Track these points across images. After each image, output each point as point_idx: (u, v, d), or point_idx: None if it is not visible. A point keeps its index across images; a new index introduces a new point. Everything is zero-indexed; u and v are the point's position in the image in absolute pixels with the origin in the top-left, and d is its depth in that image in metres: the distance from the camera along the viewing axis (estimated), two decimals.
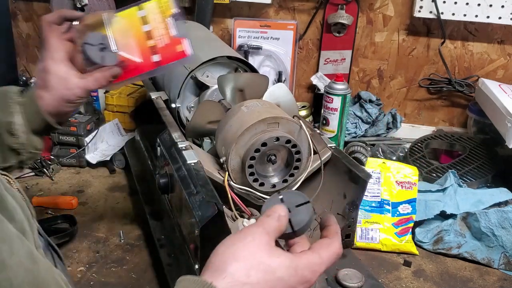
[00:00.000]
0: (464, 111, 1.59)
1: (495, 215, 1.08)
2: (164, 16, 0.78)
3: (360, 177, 0.88)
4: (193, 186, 0.79)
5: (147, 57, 0.77)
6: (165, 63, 0.77)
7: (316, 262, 0.49)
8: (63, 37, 0.75)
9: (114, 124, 1.58)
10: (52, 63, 0.74)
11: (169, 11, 0.78)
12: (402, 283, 1.03)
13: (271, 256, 0.47)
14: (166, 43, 0.77)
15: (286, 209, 0.51)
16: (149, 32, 0.78)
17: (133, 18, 0.79)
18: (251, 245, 0.47)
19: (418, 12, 1.47)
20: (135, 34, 0.78)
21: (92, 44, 0.74)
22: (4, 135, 0.73)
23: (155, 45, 0.77)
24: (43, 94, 0.74)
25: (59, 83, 0.73)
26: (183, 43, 0.77)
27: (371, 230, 1.11)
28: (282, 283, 0.46)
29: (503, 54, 1.51)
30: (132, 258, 1.06)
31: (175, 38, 0.77)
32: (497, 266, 1.07)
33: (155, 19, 0.78)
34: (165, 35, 0.77)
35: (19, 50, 1.89)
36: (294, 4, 1.59)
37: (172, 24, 0.77)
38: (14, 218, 0.47)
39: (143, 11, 0.79)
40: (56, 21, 0.75)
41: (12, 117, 0.73)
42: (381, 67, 1.62)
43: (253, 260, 0.46)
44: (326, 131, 1.42)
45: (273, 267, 0.46)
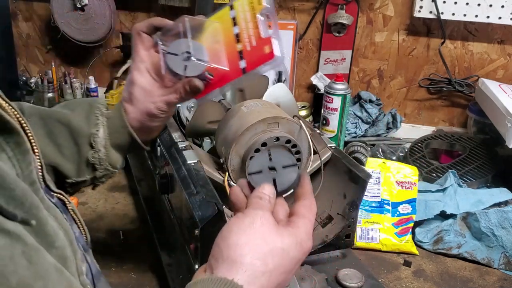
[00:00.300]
0: (464, 111, 1.59)
1: (495, 215, 1.08)
2: (254, 12, 0.67)
3: (360, 177, 0.88)
4: (193, 186, 0.79)
5: (235, 64, 0.67)
6: (252, 68, 0.66)
7: (310, 228, 0.51)
8: (151, 47, 0.71)
9: None
10: (137, 74, 0.70)
11: (259, 5, 0.66)
12: (402, 283, 1.03)
13: (281, 238, 0.48)
14: (253, 46, 0.66)
15: (273, 189, 0.52)
16: (237, 34, 0.67)
17: (225, 20, 0.69)
18: (261, 231, 0.47)
19: (418, 12, 1.47)
20: (224, 39, 0.68)
21: (175, 53, 0.66)
22: (84, 147, 0.69)
23: (243, 49, 0.67)
24: (128, 107, 0.70)
25: (143, 95, 0.69)
26: (271, 43, 0.65)
27: (371, 230, 1.11)
28: (295, 260, 0.48)
29: (503, 54, 1.51)
30: (132, 258, 1.06)
31: (263, 38, 0.65)
32: (497, 266, 1.07)
33: (245, 18, 0.67)
34: (253, 36, 0.66)
35: (19, 50, 1.89)
36: (294, 4, 1.59)
37: (262, 22, 0.66)
38: (54, 244, 0.42)
39: (234, 10, 0.68)
40: (146, 30, 0.70)
41: (96, 129, 0.69)
42: (381, 67, 1.62)
43: (267, 247, 0.46)
44: (326, 131, 1.42)
45: (286, 249, 0.47)
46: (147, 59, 0.70)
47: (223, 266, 0.45)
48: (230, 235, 0.47)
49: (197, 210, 0.74)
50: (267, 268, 0.45)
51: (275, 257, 0.46)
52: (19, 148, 0.41)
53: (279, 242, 0.47)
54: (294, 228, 0.49)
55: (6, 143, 0.40)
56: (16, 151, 0.41)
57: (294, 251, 0.48)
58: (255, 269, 0.45)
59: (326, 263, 0.98)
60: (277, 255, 0.46)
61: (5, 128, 0.39)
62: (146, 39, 0.71)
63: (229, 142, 0.86)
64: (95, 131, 0.69)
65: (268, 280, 0.45)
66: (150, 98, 0.69)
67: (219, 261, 0.45)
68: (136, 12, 1.73)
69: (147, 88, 0.69)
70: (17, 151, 0.41)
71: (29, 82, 1.78)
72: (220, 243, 0.47)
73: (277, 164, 0.55)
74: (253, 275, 0.44)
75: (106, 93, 1.66)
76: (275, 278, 0.46)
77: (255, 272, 0.45)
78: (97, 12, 1.63)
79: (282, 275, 0.47)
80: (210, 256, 0.48)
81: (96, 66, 1.82)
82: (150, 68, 0.70)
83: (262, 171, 0.56)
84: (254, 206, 0.50)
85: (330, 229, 0.95)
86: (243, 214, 0.49)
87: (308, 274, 0.92)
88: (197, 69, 0.66)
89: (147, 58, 0.70)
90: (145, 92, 0.69)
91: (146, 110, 0.69)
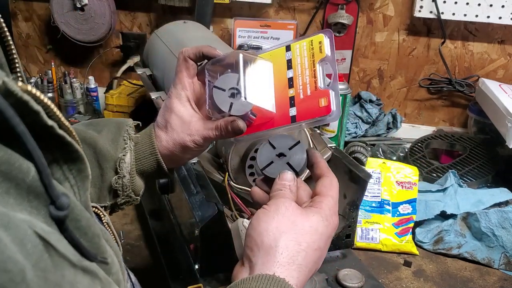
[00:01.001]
0: (464, 111, 1.59)
1: (495, 215, 1.08)
2: (313, 60, 0.62)
3: (360, 177, 0.88)
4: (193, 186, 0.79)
5: (284, 109, 0.62)
6: (303, 118, 0.60)
7: (333, 204, 0.52)
8: (195, 75, 0.67)
9: None
10: (177, 102, 0.65)
11: (320, 54, 0.62)
12: (402, 283, 1.03)
13: (307, 217, 0.50)
14: (307, 95, 0.61)
15: (293, 175, 0.55)
16: (291, 79, 0.63)
17: (278, 61, 0.65)
18: (288, 214, 0.50)
19: (419, 12, 1.47)
20: (276, 81, 0.64)
21: (222, 88, 0.62)
22: (108, 171, 0.65)
23: (295, 95, 0.62)
24: (161, 134, 0.66)
25: (181, 125, 0.65)
26: (328, 96, 0.59)
27: (371, 230, 1.11)
28: (324, 237, 0.50)
29: (504, 54, 1.51)
30: (132, 258, 1.06)
31: (321, 89, 0.60)
32: (497, 266, 1.07)
33: (302, 63, 0.63)
34: (309, 84, 0.61)
35: (19, 50, 1.89)
36: (294, 4, 1.59)
37: (321, 71, 0.61)
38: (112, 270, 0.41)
39: (290, 52, 0.64)
40: (193, 57, 0.66)
41: (123, 153, 0.65)
42: (381, 67, 1.62)
43: (296, 228, 0.49)
44: (326, 131, 1.42)
45: (313, 226, 0.49)
46: (189, 87, 0.66)
47: (260, 253, 0.48)
48: (260, 224, 0.49)
49: (197, 210, 0.73)
50: (301, 247, 0.48)
51: (305, 236, 0.48)
52: (80, 175, 0.40)
53: (307, 222, 0.49)
54: (317, 207, 0.51)
55: (69, 170, 0.39)
56: (77, 178, 0.40)
57: (322, 227, 0.50)
58: (291, 250, 0.47)
59: (326, 263, 0.98)
60: (307, 233, 0.49)
61: (72, 158, 0.38)
62: (192, 66, 0.66)
63: (229, 142, 0.86)
64: (121, 155, 0.65)
65: (304, 258, 0.48)
66: (187, 130, 0.64)
67: (254, 249, 0.48)
68: (136, 12, 1.73)
69: (186, 118, 0.64)
70: (78, 178, 0.40)
71: (29, 82, 1.77)
72: (251, 233, 0.49)
73: (283, 149, 0.56)
74: (290, 256, 0.47)
75: (106, 93, 1.66)
76: (311, 256, 0.48)
77: (292, 252, 0.47)
78: (97, 12, 1.63)
79: (317, 252, 0.49)
80: (245, 247, 0.50)
81: (96, 66, 1.82)
82: (191, 98, 0.66)
83: (273, 161, 0.57)
84: (277, 197, 0.52)
85: None
86: (267, 205, 0.51)
87: None
88: (243, 109, 0.61)
89: (190, 86, 0.66)
90: (183, 122, 0.65)
91: (181, 141, 0.65)
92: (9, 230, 0.28)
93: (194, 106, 0.66)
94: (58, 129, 0.35)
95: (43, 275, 0.29)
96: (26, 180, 0.32)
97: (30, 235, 0.30)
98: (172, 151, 0.65)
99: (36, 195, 0.33)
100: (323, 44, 0.62)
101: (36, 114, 0.33)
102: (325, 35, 0.61)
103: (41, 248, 0.30)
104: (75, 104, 1.67)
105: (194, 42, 1.18)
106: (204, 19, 1.50)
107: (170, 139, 0.65)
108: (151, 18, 1.72)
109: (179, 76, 0.66)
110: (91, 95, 1.72)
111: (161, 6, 1.66)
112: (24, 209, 0.32)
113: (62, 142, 0.37)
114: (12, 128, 0.31)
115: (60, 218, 0.35)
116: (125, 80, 1.71)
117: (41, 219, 0.33)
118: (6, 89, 0.31)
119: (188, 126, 0.64)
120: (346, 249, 1.00)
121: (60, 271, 0.31)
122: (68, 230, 0.36)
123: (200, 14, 1.50)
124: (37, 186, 0.33)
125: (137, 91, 1.64)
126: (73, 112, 1.65)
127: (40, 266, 0.29)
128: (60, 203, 0.34)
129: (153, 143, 0.65)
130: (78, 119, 1.52)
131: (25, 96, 0.32)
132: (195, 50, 0.65)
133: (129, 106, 1.59)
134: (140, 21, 1.74)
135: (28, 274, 0.28)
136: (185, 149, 0.65)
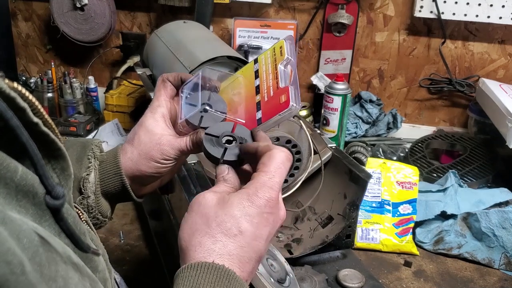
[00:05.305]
0: (464, 111, 1.59)
1: (495, 215, 1.08)
2: (276, 63, 0.65)
3: (360, 177, 0.88)
4: (193, 186, 0.79)
5: (251, 115, 0.64)
6: (266, 119, 0.62)
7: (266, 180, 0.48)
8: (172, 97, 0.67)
9: (114, 124, 1.58)
10: (150, 117, 0.64)
11: (281, 56, 0.65)
12: (402, 283, 1.02)
13: (224, 205, 0.48)
14: (270, 96, 0.63)
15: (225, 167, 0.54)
16: (258, 86, 0.66)
17: (248, 74, 0.68)
18: (201, 209, 0.48)
19: (419, 12, 1.47)
20: (245, 92, 0.67)
21: (194, 104, 0.64)
22: (73, 192, 0.63)
23: (260, 100, 0.65)
24: (128, 147, 0.64)
25: (149, 137, 0.63)
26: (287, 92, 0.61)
27: (371, 230, 1.11)
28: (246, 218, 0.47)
29: (504, 54, 1.51)
30: (132, 258, 1.06)
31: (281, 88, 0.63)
32: (498, 266, 1.07)
33: (266, 70, 0.66)
34: (272, 87, 0.64)
35: (19, 50, 1.89)
36: (294, 4, 1.59)
37: (282, 72, 0.64)
38: (98, 268, 0.42)
39: (257, 64, 0.68)
40: (172, 80, 0.67)
41: (87, 173, 0.63)
42: (382, 67, 1.62)
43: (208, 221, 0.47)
44: (327, 131, 1.42)
45: (229, 213, 0.47)
46: (166, 105, 0.66)
47: (181, 256, 0.48)
48: (180, 227, 0.50)
49: None
50: (216, 239, 0.46)
51: (221, 225, 0.47)
52: (64, 174, 0.40)
53: (221, 210, 0.47)
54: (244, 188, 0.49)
55: (53, 169, 0.39)
56: (61, 176, 0.40)
57: (239, 210, 0.47)
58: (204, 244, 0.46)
59: (327, 264, 0.98)
60: (222, 222, 0.47)
61: (55, 155, 0.39)
62: (170, 88, 0.67)
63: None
64: (85, 175, 0.63)
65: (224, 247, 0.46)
66: (157, 140, 0.63)
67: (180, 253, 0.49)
68: (136, 12, 1.72)
69: (156, 131, 0.63)
70: (62, 177, 0.40)
71: (28, 82, 1.77)
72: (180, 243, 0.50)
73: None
74: (205, 250, 0.46)
75: (106, 93, 1.66)
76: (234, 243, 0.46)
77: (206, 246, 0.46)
78: (97, 12, 1.63)
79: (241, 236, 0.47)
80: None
81: (96, 66, 1.82)
82: (166, 115, 0.65)
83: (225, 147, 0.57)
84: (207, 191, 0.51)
85: (331, 230, 0.94)
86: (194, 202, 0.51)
87: (309, 275, 0.91)
88: (213, 121, 0.63)
89: (167, 105, 0.66)
90: (152, 134, 0.63)
91: (146, 151, 0.63)
92: (5, 225, 0.28)
93: (169, 124, 0.65)
94: (43, 126, 0.36)
95: (39, 269, 0.30)
96: (14, 179, 0.33)
97: (25, 230, 0.30)
98: (135, 163, 0.63)
99: (24, 194, 0.33)
100: (283, 48, 0.64)
101: (22, 111, 0.33)
102: (285, 40, 0.65)
103: (36, 243, 0.30)
104: (75, 104, 1.67)
105: (194, 42, 1.18)
106: (204, 19, 1.50)
107: (135, 151, 0.63)
108: (151, 18, 1.72)
109: (157, 95, 0.66)
110: (91, 95, 1.72)
111: (161, 6, 1.66)
112: (13, 208, 0.32)
113: (46, 140, 0.37)
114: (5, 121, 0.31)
115: (56, 206, 0.35)
116: (125, 80, 1.71)
117: (30, 217, 0.34)
118: None
119: (159, 137, 0.63)
120: (346, 249, 1.00)
121: (54, 266, 0.32)
122: (64, 219, 0.36)
123: (200, 14, 1.50)
124: (25, 185, 0.33)
125: (137, 91, 1.64)
126: (73, 112, 1.65)
127: (36, 260, 0.30)
128: (56, 192, 0.35)
129: (117, 161, 0.63)
130: (78, 119, 1.52)
131: (12, 93, 0.32)
132: (174, 75, 0.67)
133: (129, 106, 1.59)
134: (140, 21, 1.73)
135: (27, 267, 0.28)
136: (149, 160, 0.62)
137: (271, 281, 0.69)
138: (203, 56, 1.06)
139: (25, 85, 1.76)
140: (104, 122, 1.61)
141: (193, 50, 1.12)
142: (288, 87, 0.60)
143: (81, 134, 1.45)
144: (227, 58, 1.08)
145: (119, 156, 0.63)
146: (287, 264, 0.77)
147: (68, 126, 1.45)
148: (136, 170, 0.63)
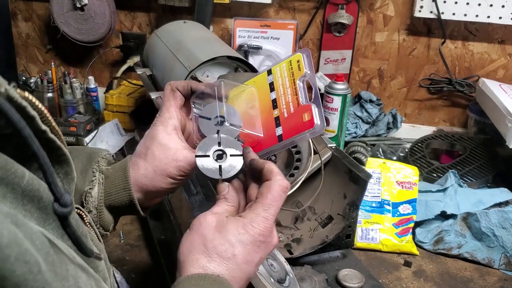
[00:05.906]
0: (464, 111, 1.59)
1: (495, 215, 1.08)
2: (293, 78, 0.64)
3: (360, 177, 0.88)
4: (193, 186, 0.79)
5: (270, 130, 0.62)
6: (289, 136, 0.60)
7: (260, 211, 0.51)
8: (182, 107, 0.66)
9: (114, 124, 1.58)
10: (162, 130, 0.62)
11: (299, 72, 0.63)
12: (402, 283, 1.02)
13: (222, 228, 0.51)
14: (291, 113, 0.61)
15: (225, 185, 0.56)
16: (275, 100, 0.64)
17: (261, 85, 0.66)
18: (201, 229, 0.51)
19: (419, 12, 1.47)
20: (260, 105, 0.65)
21: (207, 117, 0.62)
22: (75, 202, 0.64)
23: (279, 115, 0.63)
24: (140, 162, 0.62)
25: (164, 153, 0.61)
26: (310, 111, 0.60)
27: (371, 230, 1.11)
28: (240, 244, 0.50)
29: (504, 54, 1.51)
30: (132, 258, 1.06)
31: (303, 105, 0.61)
32: (498, 266, 1.07)
33: (283, 83, 0.64)
34: (291, 103, 0.62)
35: (19, 50, 1.89)
36: (294, 4, 1.59)
37: (302, 88, 0.63)
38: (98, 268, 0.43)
39: (272, 75, 0.66)
40: (181, 90, 0.65)
41: (90, 187, 0.61)
42: (382, 67, 1.62)
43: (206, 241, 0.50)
44: (326, 131, 1.42)
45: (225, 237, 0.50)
46: (177, 117, 0.64)
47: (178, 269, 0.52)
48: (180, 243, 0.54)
49: (197, 210, 0.73)
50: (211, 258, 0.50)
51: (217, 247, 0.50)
52: (67, 178, 0.42)
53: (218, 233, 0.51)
54: (241, 216, 0.52)
55: (57, 174, 0.40)
56: (64, 180, 0.41)
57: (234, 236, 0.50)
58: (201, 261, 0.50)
59: (326, 264, 0.98)
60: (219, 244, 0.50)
61: (59, 160, 0.40)
62: (179, 97, 0.65)
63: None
64: (88, 189, 0.61)
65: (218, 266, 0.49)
66: (172, 156, 0.61)
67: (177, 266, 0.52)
68: (136, 12, 1.72)
69: (171, 146, 0.61)
70: (65, 181, 0.42)
71: (28, 82, 1.77)
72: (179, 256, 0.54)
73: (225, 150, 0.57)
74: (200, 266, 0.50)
75: (106, 93, 1.66)
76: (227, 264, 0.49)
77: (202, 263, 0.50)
78: (97, 12, 1.63)
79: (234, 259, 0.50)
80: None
81: (96, 66, 1.82)
82: (177, 126, 0.63)
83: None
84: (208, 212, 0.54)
85: (331, 230, 0.94)
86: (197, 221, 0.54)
87: (308, 275, 0.91)
88: (230, 135, 0.60)
89: (178, 116, 0.64)
90: (167, 149, 0.61)
91: (162, 168, 0.61)
92: (20, 227, 0.29)
93: (181, 136, 0.64)
94: (50, 133, 0.37)
95: (52, 268, 0.32)
96: (21, 184, 0.34)
97: (37, 232, 0.32)
98: (152, 181, 0.61)
99: (30, 199, 0.35)
100: (301, 62, 0.63)
101: (32, 119, 0.35)
102: (302, 54, 0.64)
103: (48, 245, 0.32)
104: (75, 104, 1.67)
105: (194, 42, 1.18)
106: (204, 19, 1.50)
107: (150, 167, 0.61)
108: (151, 18, 1.72)
109: (167, 105, 0.64)
110: (91, 95, 1.72)
111: (161, 6, 1.66)
112: (19, 212, 0.34)
113: (53, 146, 0.39)
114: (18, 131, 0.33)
115: (64, 214, 0.37)
116: (125, 80, 1.71)
117: (34, 221, 0.35)
118: (8, 95, 0.32)
119: (174, 152, 0.61)
120: (346, 249, 1.00)
121: (64, 266, 0.34)
122: (70, 226, 0.38)
123: (200, 14, 1.50)
124: (31, 190, 0.35)
125: (137, 91, 1.64)
126: (73, 112, 1.65)
127: (49, 260, 0.31)
128: (64, 200, 0.37)
129: (127, 177, 0.61)
130: (78, 119, 1.52)
131: (23, 102, 0.34)
132: (183, 84, 0.65)
133: (129, 106, 1.59)
134: (140, 21, 1.73)
135: (43, 266, 0.30)
136: (166, 178, 0.61)
137: (271, 281, 0.69)
138: (203, 56, 1.06)
139: (25, 85, 1.76)
140: (104, 122, 1.61)
141: (193, 50, 1.12)
142: (311, 105, 0.60)
143: (81, 134, 1.45)
144: (227, 58, 1.08)
145: (128, 171, 0.61)
146: (287, 264, 0.77)
147: (68, 126, 1.45)
148: (152, 187, 0.62)
